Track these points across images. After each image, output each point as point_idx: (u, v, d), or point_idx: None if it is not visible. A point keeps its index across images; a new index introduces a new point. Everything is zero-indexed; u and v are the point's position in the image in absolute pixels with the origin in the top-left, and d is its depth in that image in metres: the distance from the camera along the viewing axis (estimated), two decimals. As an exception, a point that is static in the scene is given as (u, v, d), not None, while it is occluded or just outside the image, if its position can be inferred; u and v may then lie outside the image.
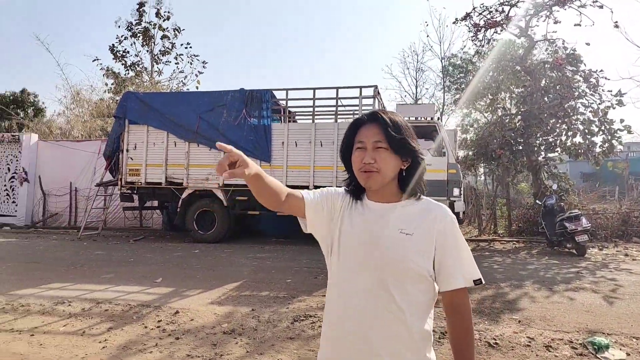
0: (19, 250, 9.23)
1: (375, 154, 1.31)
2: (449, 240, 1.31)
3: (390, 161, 1.32)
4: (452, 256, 1.31)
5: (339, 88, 9.77)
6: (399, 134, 1.32)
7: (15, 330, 4.38)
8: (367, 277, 1.30)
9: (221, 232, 10.37)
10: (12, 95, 27.34)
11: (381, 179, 1.32)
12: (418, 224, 1.32)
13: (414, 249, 1.28)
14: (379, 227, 1.33)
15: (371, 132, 1.33)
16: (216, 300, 5.33)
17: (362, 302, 1.29)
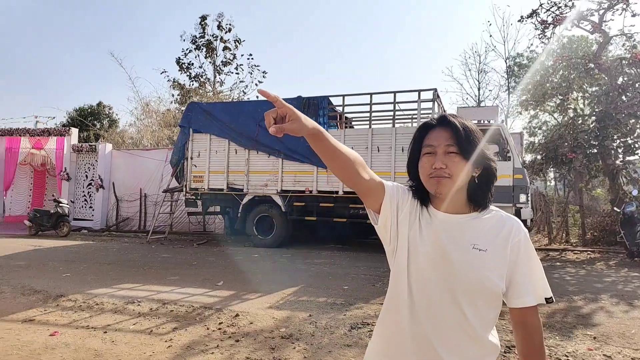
0: (95, 252, 9.94)
1: (447, 159, 1.22)
2: (522, 256, 1.25)
3: (462, 167, 1.22)
4: (524, 273, 1.25)
5: (396, 92, 9.67)
6: (471, 140, 1.23)
7: (90, 327, 4.69)
8: (436, 292, 1.24)
9: (280, 237, 10.57)
10: (89, 108, 29.69)
11: (452, 186, 1.22)
12: (492, 239, 1.24)
13: (489, 266, 1.21)
14: (449, 241, 1.25)
15: (442, 136, 1.24)
16: (274, 305, 5.43)
17: (426, 316, 1.24)
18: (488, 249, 1.22)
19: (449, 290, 1.22)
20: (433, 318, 1.23)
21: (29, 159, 17.66)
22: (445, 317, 1.22)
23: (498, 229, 1.26)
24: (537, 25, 11.91)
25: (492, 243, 1.23)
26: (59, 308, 5.37)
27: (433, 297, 1.24)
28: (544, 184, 23.01)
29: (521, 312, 1.26)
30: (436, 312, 1.23)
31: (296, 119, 1.12)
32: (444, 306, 1.23)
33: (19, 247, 10.51)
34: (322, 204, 10.18)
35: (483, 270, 1.21)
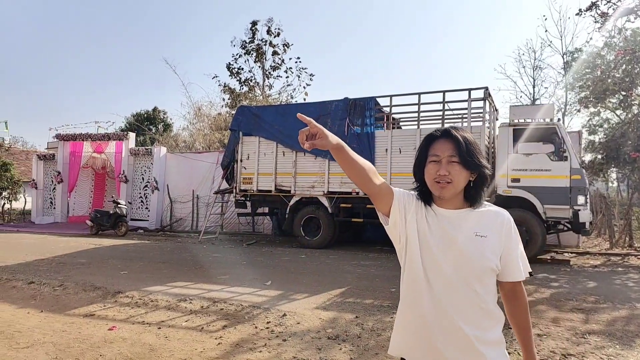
0: (150, 251, 10.37)
1: (450, 167, 1.47)
2: (512, 241, 1.52)
3: (462, 174, 1.48)
4: (515, 255, 1.52)
5: (445, 91, 9.42)
6: (470, 151, 1.47)
7: (145, 322, 4.88)
8: (450, 275, 1.47)
9: (326, 238, 10.58)
10: (145, 113, 31.13)
11: (453, 190, 1.48)
12: (489, 227, 1.50)
13: (489, 248, 1.47)
14: (454, 231, 1.50)
15: (446, 147, 1.49)
16: (321, 305, 5.42)
17: (444, 296, 1.47)
18: (488, 235, 1.49)
19: (460, 272, 1.47)
20: (451, 298, 1.46)
21: (91, 163, 18.73)
22: (460, 295, 1.46)
23: (493, 219, 1.52)
24: (596, 18, 11.22)
25: (489, 230, 1.49)
26: (117, 304, 5.61)
27: (448, 280, 1.47)
28: (605, 185, 21.63)
29: (513, 285, 1.56)
30: (453, 293, 1.46)
31: (324, 137, 1.43)
32: (458, 286, 1.46)
33: (81, 245, 11.16)
34: (369, 205, 10.06)
35: (486, 253, 1.47)
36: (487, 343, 1.46)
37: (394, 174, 9.75)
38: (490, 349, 1.46)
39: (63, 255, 9.47)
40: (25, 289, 6.47)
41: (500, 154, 9.19)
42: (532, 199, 8.69)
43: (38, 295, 6.11)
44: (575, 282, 6.85)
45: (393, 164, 9.78)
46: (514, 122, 9.20)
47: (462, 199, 1.54)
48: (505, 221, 1.52)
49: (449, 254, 1.48)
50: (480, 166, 1.50)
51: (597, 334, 4.36)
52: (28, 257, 9.05)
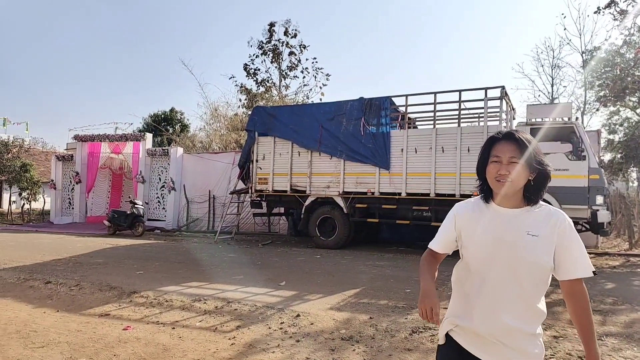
0: (166, 251, 10.44)
1: (510, 167, 1.57)
2: (566, 240, 1.58)
3: (521, 173, 1.57)
4: (569, 254, 1.58)
5: (461, 91, 9.27)
6: (530, 152, 1.58)
7: (160, 322, 4.89)
8: (499, 271, 1.59)
9: (342, 238, 10.50)
10: (163, 114, 31.40)
11: (513, 188, 1.58)
12: (542, 227, 1.58)
13: (540, 247, 1.56)
14: (509, 229, 1.61)
15: (507, 148, 1.60)
16: (335, 306, 5.36)
17: (494, 282, 1.60)
18: (540, 234, 1.57)
19: (511, 268, 1.58)
20: (498, 291, 1.59)
21: (109, 163, 18.95)
22: (508, 289, 1.58)
23: (547, 219, 1.60)
24: (615, 15, 10.94)
25: (542, 230, 1.58)
26: (132, 304, 5.63)
27: (499, 275, 1.59)
28: (625, 185, 21.05)
29: (572, 283, 1.59)
30: (501, 287, 1.59)
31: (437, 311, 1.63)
32: (507, 281, 1.58)
33: (99, 245, 11.29)
34: (385, 205, 9.97)
35: (536, 251, 1.56)
36: (525, 335, 1.58)
37: (410, 174, 9.62)
38: (527, 340, 1.58)
39: (80, 255, 9.56)
40: (42, 288, 6.53)
41: None
42: (549, 199, 8.50)
43: (54, 295, 6.16)
44: (594, 283, 6.67)
45: (409, 164, 9.66)
46: (531, 121, 9.04)
47: (521, 198, 1.63)
48: (560, 221, 1.60)
49: (502, 250, 1.60)
50: (540, 164, 1.60)
51: (614, 336, 4.25)
52: (46, 257, 9.14)
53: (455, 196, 9.11)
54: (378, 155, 9.94)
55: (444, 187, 9.25)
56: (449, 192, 9.22)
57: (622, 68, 12.30)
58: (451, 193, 9.19)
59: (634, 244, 10.75)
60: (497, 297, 1.60)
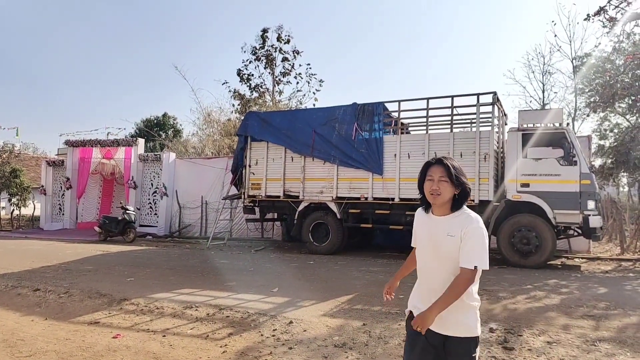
0: (158, 257, 10.33)
1: (439, 185, 2.10)
2: (466, 237, 2.05)
3: (448, 189, 2.10)
4: (465, 248, 2.05)
5: (454, 96, 9.30)
6: (455, 173, 2.09)
7: (150, 330, 4.82)
8: (431, 259, 2.19)
9: (335, 244, 10.45)
10: (155, 119, 31.23)
11: (441, 200, 2.11)
12: (457, 229, 2.08)
13: (455, 245, 2.07)
14: (437, 231, 2.16)
15: (438, 170, 2.13)
16: (328, 313, 5.32)
17: (429, 270, 2.20)
18: (455, 235, 2.08)
19: (436, 260, 2.16)
20: (430, 278, 2.18)
21: (100, 169, 18.72)
22: (438, 275, 2.13)
23: (461, 222, 2.09)
24: (604, 22, 11.08)
25: (457, 231, 2.08)
26: (122, 311, 5.56)
27: (431, 265, 2.19)
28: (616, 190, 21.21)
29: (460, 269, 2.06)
30: (435, 273, 2.15)
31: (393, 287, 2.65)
32: (438, 269, 2.14)
33: (89, 252, 11.15)
34: (378, 211, 9.94)
35: (451, 247, 2.08)
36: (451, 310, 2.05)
37: (403, 179, 9.61)
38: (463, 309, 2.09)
39: (70, 262, 9.42)
40: (31, 296, 6.44)
41: (509, 159, 9.07)
42: (541, 204, 8.55)
43: (43, 303, 6.07)
44: (586, 288, 6.68)
45: (402, 169, 9.64)
46: (522, 126, 9.09)
47: (449, 208, 2.15)
48: (467, 224, 2.08)
49: (431, 248, 2.18)
50: (462, 183, 2.11)
51: (607, 341, 4.23)
52: (35, 263, 9.03)
53: (447, 201, 9.13)
54: (371, 160, 9.93)
55: (437, 192, 9.26)
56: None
57: (612, 75, 12.43)
58: None
59: (625, 249, 10.82)
60: (430, 283, 2.17)
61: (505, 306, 5.64)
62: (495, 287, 6.70)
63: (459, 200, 2.14)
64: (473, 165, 8.90)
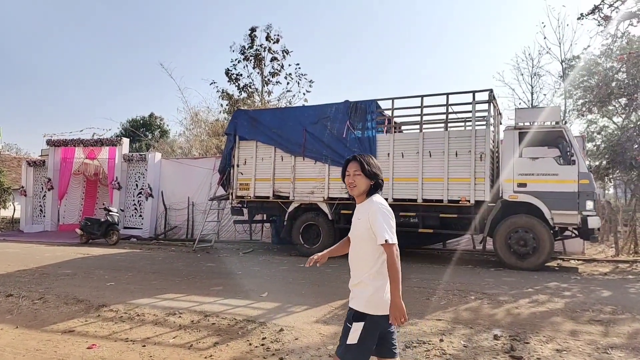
0: (141, 260, 9.90)
1: (354, 178, 2.44)
2: (371, 219, 2.32)
3: (362, 181, 2.42)
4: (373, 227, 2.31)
5: (449, 94, 9.05)
6: (368, 167, 2.42)
7: (129, 340, 4.45)
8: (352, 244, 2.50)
9: (326, 246, 10.01)
10: (142, 119, 30.66)
11: (357, 191, 2.44)
12: (364, 213, 2.38)
13: (363, 226, 2.37)
14: (355, 216, 2.48)
15: (353, 165, 2.46)
16: (322, 319, 4.98)
17: (352, 251, 2.49)
18: (362, 218, 2.39)
19: (355, 240, 2.46)
20: (356, 255, 2.44)
21: (83, 169, 18.14)
22: (352, 255, 2.47)
23: (367, 207, 2.39)
24: (599, 21, 10.97)
25: (364, 215, 2.38)
26: (100, 318, 5.21)
27: (353, 246, 2.49)
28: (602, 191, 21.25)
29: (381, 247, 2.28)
30: (356, 252, 2.44)
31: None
32: (357, 249, 2.43)
33: (69, 255, 10.68)
34: (370, 211, 9.66)
35: (361, 229, 2.39)
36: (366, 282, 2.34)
37: (397, 178, 9.33)
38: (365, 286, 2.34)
39: (48, 265, 9.01)
40: (2, 302, 6.06)
41: (505, 158, 8.84)
42: (539, 205, 8.34)
43: (15, 310, 5.69)
44: (589, 291, 6.46)
45: (395, 169, 9.36)
46: (519, 125, 8.88)
47: (365, 197, 2.45)
48: (370, 207, 2.37)
49: (352, 230, 2.50)
50: (375, 176, 2.43)
51: (619, 348, 3.98)
52: (10, 267, 8.61)
53: (443, 202, 8.86)
54: (364, 159, 9.64)
55: (432, 192, 8.98)
56: (437, 198, 8.96)
57: (604, 75, 12.35)
58: (439, 199, 8.93)
59: (620, 250, 10.68)
60: (353, 262, 2.44)
61: (508, 311, 5.37)
62: (495, 291, 6.44)
63: (373, 190, 2.45)
64: (468, 164, 8.67)
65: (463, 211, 8.80)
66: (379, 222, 2.27)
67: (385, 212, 2.32)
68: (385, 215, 2.31)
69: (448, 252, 10.97)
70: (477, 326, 4.67)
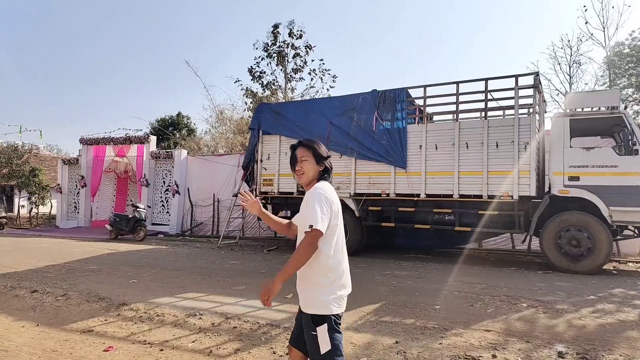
0: (165, 257, 9.73)
1: (302, 164, 2.33)
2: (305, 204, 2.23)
3: (309, 167, 2.32)
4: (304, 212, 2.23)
5: (488, 79, 8.36)
6: (316, 152, 2.32)
7: (147, 342, 4.20)
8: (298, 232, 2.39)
9: (353, 244, 9.64)
10: (170, 119, 30.99)
11: (305, 178, 2.34)
12: (306, 200, 2.25)
13: (303, 213, 2.27)
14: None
15: (300, 151, 2.36)
16: (352, 326, 4.54)
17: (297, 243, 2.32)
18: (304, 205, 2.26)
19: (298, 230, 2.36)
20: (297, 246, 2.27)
21: (113, 166, 18.49)
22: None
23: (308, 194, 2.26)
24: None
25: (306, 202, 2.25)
26: (120, 318, 5.01)
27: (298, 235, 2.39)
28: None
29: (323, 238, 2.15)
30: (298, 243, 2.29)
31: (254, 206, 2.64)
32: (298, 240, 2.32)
33: (97, 250, 10.68)
34: (401, 208, 9.12)
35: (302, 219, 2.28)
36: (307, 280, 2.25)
37: (430, 173, 8.75)
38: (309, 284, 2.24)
39: (75, 261, 9.02)
40: (27, 298, 6.05)
41: (554, 149, 7.96)
42: (594, 200, 7.44)
43: (38, 306, 5.64)
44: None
45: (428, 162, 8.78)
46: (571, 111, 8.02)
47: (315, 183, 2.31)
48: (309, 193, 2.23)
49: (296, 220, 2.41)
50: (324, 160, 2.33)
51: None
52: (40, 262, 8.75)
53: (482, 197, 8.20)
54: (393, 152, 9.12)
55: (469, 187, 8.34)
56: (475, 193, 8.32)
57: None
58: (477, 194, 8.29)
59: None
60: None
61: (570, 322, 4.65)
62: (549, 298, 5.70)
63: (323, 176, 2.33)
64: (511, 156, 7.96)
65: (505, 207, 8.07)
66: (312, 208, 2.10)
67: (322, 198, 2.13)
68: (321, 201, 2.12)
69: (485, 253, 10.27)
70: (535, 340, 4.04)
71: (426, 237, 9.73)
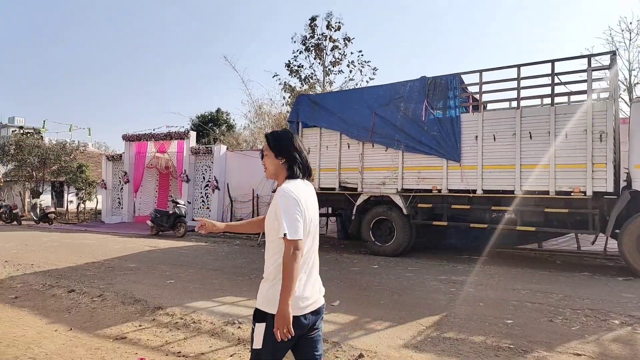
0: (204, 255, 9.46)
1: (264, 160, 2.16)
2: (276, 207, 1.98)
3: (270, 161, 2.12)
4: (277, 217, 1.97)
5: (554, 61, 7.47)
6: (275, 142, 2.11)
7: (181, 354, 3.84)
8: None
9: (401, 244, 9.00)
10: (209, 115, 31.26)
11: (269, 174, 2.16)
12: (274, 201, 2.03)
13: (271, 214, 2.03)
14: None
15: (264, 146, 2.17)
16: (411, 342, 3.93)
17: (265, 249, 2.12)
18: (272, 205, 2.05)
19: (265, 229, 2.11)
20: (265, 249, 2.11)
21: (155, 162, 18.65)
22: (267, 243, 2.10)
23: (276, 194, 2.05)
24: None
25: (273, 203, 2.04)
26: (154, 323, 4.70)
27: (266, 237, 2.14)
28: None
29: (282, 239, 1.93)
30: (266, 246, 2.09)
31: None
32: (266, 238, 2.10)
33: (137, 247, 10.59)
34: (455, 205, 8.37)
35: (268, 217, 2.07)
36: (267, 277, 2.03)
37: (487, 166, 7.95)
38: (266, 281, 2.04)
39: (115, 258, 8.92)
40: (64, 298, 5.90)
41: (635, 138, 7.01)
42: None
43: (74, 307, 5.44)
44: None
45: (485, 155, 7.99)
46: None
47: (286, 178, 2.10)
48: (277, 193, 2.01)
49: None
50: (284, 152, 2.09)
51: None
52: (81, 259, 8.70)
53: (548, 193, 7.35)
54: (445, 144, 8.37)
55: (533, 182, 7.49)
56: (540, 189, 7.48)
57: None
58: (543, 189, 7.45)
59: None
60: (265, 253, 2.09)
61: None
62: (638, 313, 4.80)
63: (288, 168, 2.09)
64: (584, 147, 7.07)
65: (575, 205, 7.18)
66: (279, 211, 1.95)
67: (289, 200, 1.94)
68: (287, 203, 1.94)
69: (547, 254, 9.29)
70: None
71: (481, 236, 8.90)
